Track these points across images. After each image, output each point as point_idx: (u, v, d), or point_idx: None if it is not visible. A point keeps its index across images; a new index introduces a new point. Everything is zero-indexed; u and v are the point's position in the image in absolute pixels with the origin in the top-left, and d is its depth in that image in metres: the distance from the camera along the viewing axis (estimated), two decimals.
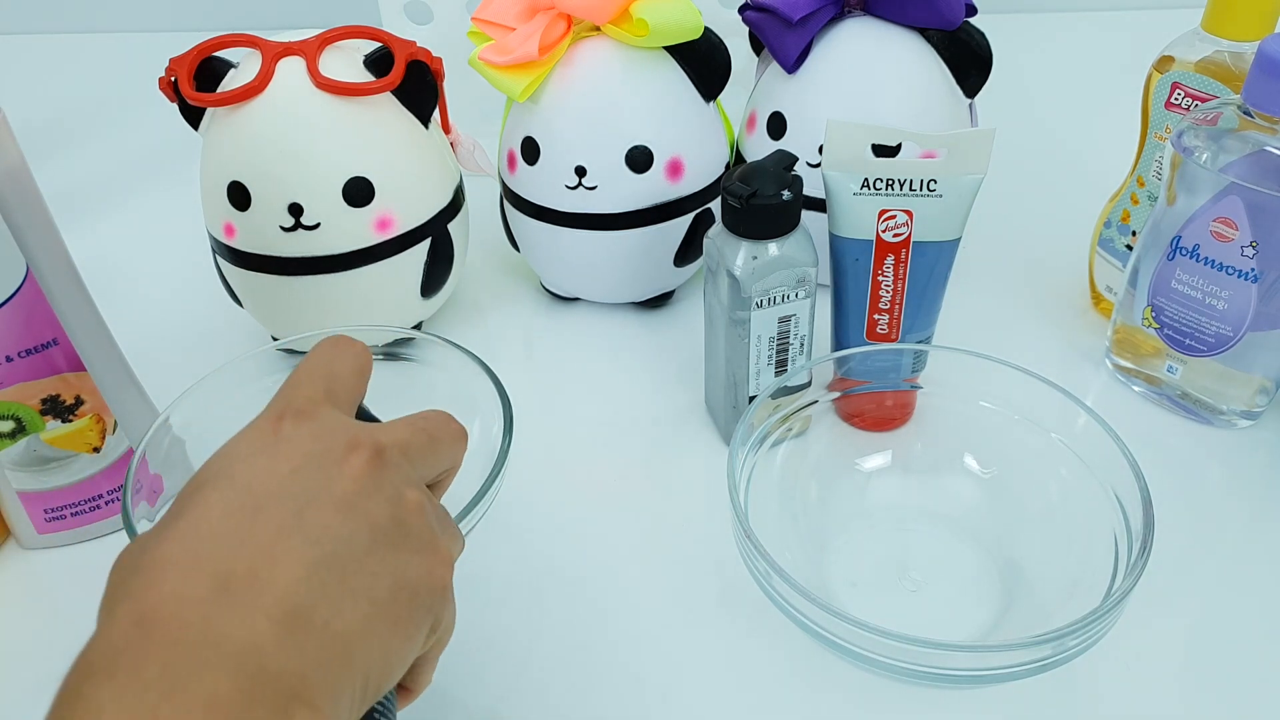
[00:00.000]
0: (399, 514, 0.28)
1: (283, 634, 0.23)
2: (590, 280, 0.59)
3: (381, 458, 0.28)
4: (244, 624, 0.23)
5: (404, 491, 0.28)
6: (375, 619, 0.26)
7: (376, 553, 0.27)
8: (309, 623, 0.24)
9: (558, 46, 0.52)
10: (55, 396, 0.44)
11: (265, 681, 0.23)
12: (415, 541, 0.28)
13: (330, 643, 0.24)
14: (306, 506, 0.26)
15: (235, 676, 0.22)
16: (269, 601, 0.24)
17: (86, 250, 0.50)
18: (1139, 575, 0.36)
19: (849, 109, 0.54)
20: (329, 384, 0.31)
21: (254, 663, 0.23)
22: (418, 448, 0.31)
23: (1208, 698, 0.40)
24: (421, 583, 0.28)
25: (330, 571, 0.25)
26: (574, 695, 0.41)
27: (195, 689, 0.22)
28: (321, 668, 0.24)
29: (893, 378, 0.48)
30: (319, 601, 0.25)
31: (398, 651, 0.27)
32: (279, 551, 0.25)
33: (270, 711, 0.22)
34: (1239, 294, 0.47)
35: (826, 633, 0.36)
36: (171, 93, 0.51)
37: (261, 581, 0.24)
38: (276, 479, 0.27)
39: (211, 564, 0.24)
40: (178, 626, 0.23)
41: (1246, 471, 0.49)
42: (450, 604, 0.30)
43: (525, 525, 0.48)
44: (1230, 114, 0.46)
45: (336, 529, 0.26)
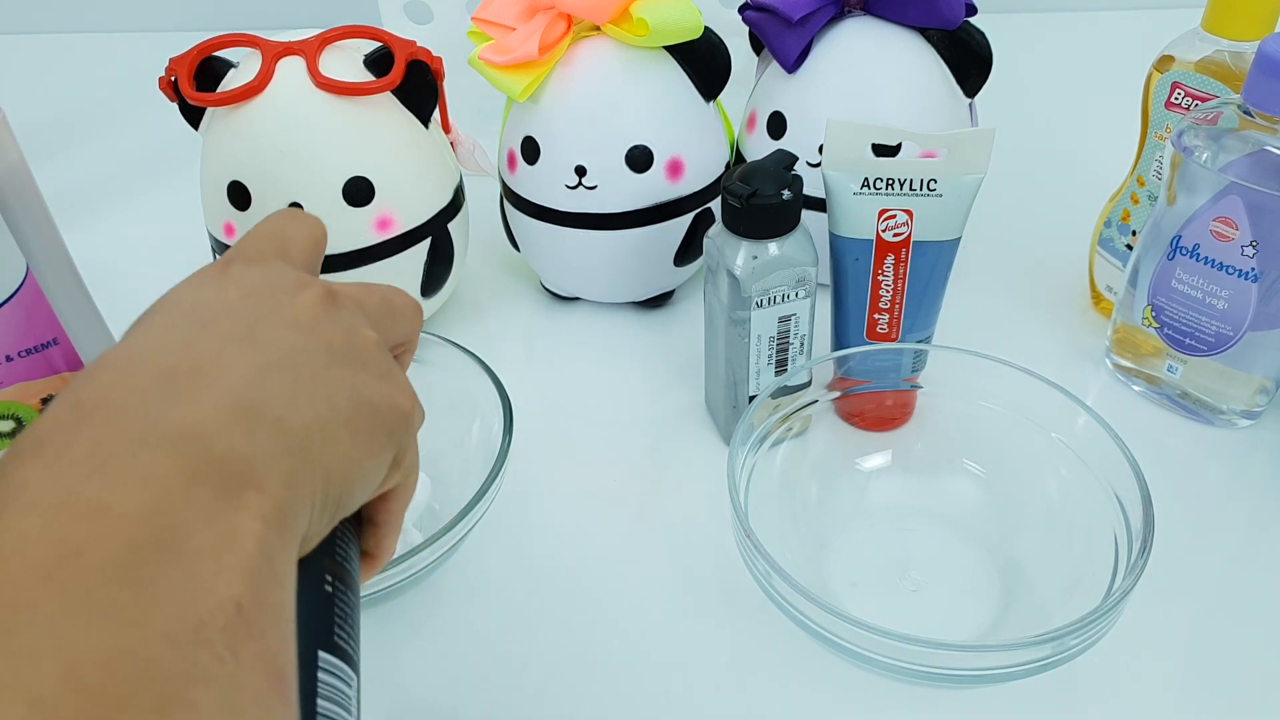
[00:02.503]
0: (355, 342, 0.26)
1: (231, 421, 0.21)
2: (590, 280, 0.59)
3: (334, 298, 0.27)
4: (187, 410, 0.21)
5: (359, 329, 0.27)
6: (333, 423, 0.24)
7: (334, 368, 0.25)
8: (259, 414, 0.22)
9: (558, 46, 0.52)
10: (55, 396, 0.44)
11: (209, 462, 0.21)
12: (374, 368, 0.26)
13: (284, 435, 0.22)
14: (257, 323, 0.24)
15: (175, 455, 0.20)
16: (215, 392, 0.22)
17: (86, 250, 0.50)
18: (1139, 575, 0.36)
19: (849, 109, 0.54)
20: (281, 244, 0.29)
21: (197, 445, 0.21)
22: (372, 305, 0.29)
23: (1208, 697, 0.40)
24: (383, 402, 0.26)
25: (283, 374, 0.23)
26: (574, 695, 0.41)
27: (129, 465, 0.20)
28: (274, 457, 0.22)
29: (893, 377, 0.48)
30: (271, 398, 0.23)
31: (359, 463, 0.24)
32: (227, 354, 0.23)
33: (215, 492, 0.20)
34: (1239, 293, 0.47)
35: (826, 632, 0.36)
36: (171, 93, 0.51)
37: (207, 377, 0.22)
38: (224, 302, 0.25)
39: (154, 361, 0.23)
40: (113, 411, 0.21)
41: (1246, 471, 0.49)
42: (414, 445, 0.28)
43: (525, 525, 0.48)
44: (1230, 114, 0.46)
45: (290, 341, 0.24)
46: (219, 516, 0.20)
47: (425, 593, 0.45)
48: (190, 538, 0.19)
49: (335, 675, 0.23)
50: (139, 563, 0.19)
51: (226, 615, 0.19)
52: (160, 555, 0.19)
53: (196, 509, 0.20)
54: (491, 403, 0.45)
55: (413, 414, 0.27)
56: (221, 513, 0.20)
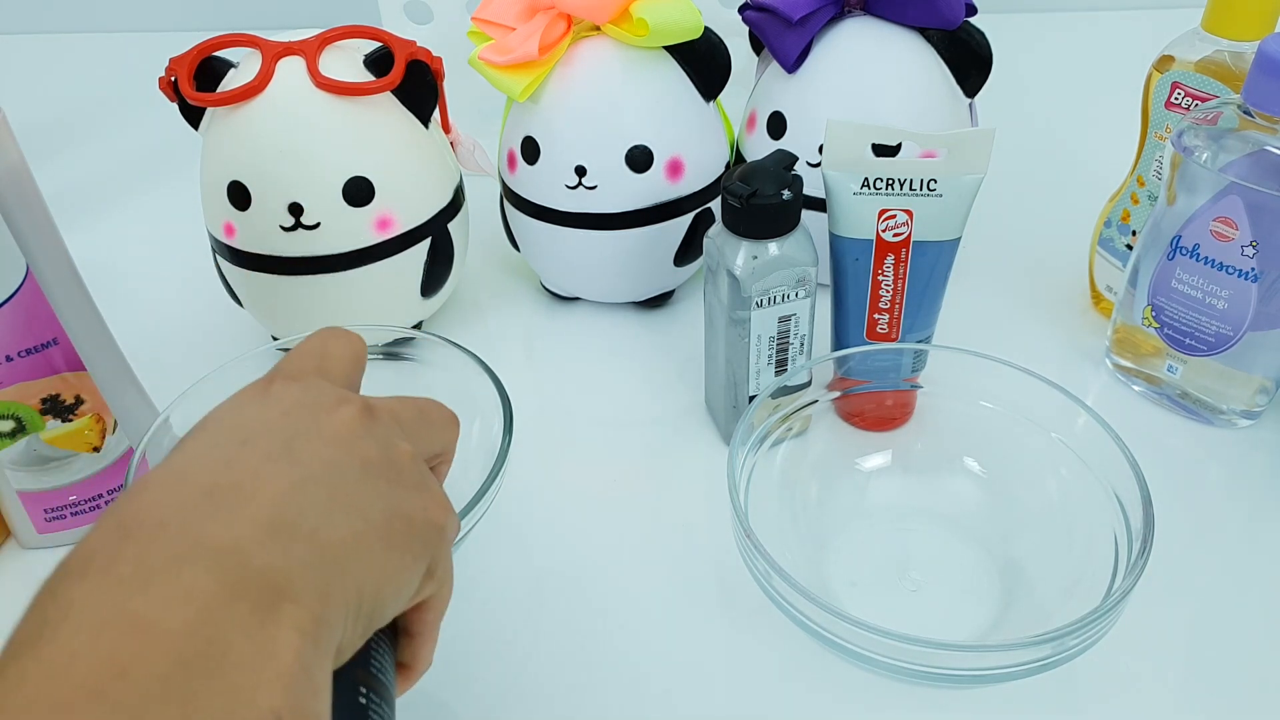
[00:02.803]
0: (391, 456, 0.27)
1: (267, 537, 0.22)
2: (590, 280, 0.59)
3: (372, 414, 0.28)
4: (227, 526, 0.22)
5: (396, 442, 0.28)
6: (367, 535, 0.25)
7: (369, 481, 0.26)
8: (295, 529, 0.23)
9: (558, 46, 0.52)
10: (55, 396, 0.44)
11: (249, 578, 0.21)
12: (410, 481, 0.27)
13: (319, 549, 0.23)
14: (295, 439, 0.25)
15: (215, 572, 0.21)
16: (254, 509, 0.23)
17: (86, 250, 0.50)
18: (1139, 575, 0.36)
19: (849, 109, 0.54)
20: (321, 361, 0.30)
21: (236, 560, 0.22)
22: (408, 418, 0.30)
23: (1208, 697, 0.40)
24: (418, 515, 0.26)
25: (319, 489, 0.24)
26: (574, 695, 0.41)
27: (172, 581, 0.21)
28: (310, 570, 0.23)
29: (893, 377, 0.48)
30: (307, 512, 0.24)
31: (392, 576, 0.25)
32: (265, 471, 0.24)
33: (253, 606, 0.21)
34: (1239, 293, 0.47)
35: (826, 632, 0.36)
36: (171, 93, 0.51)
37: (246, 493, 0.23)
38: (265, 420, 0.26)
39: (196, 478, 0.24)
40: (156, 527, 0.22)
41: (1246, 471, 0.49)
42: (448, 555, 0.29)
43: (525, 525, 0.48)
44: (1230, 113, 0.46)
45: (326, 457, 0.25)
46: (258, 630, 0.21)
47: None
48: (230, 652, 0.20)
49: None
50: (184, 678, 0.19)
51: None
52: (204, 670, 0.20)
53: (237, 624, 0.21)
54: (491, 403, 0.45)
55: (446, 526, 0.28)
56: (260, 626, 0.21)
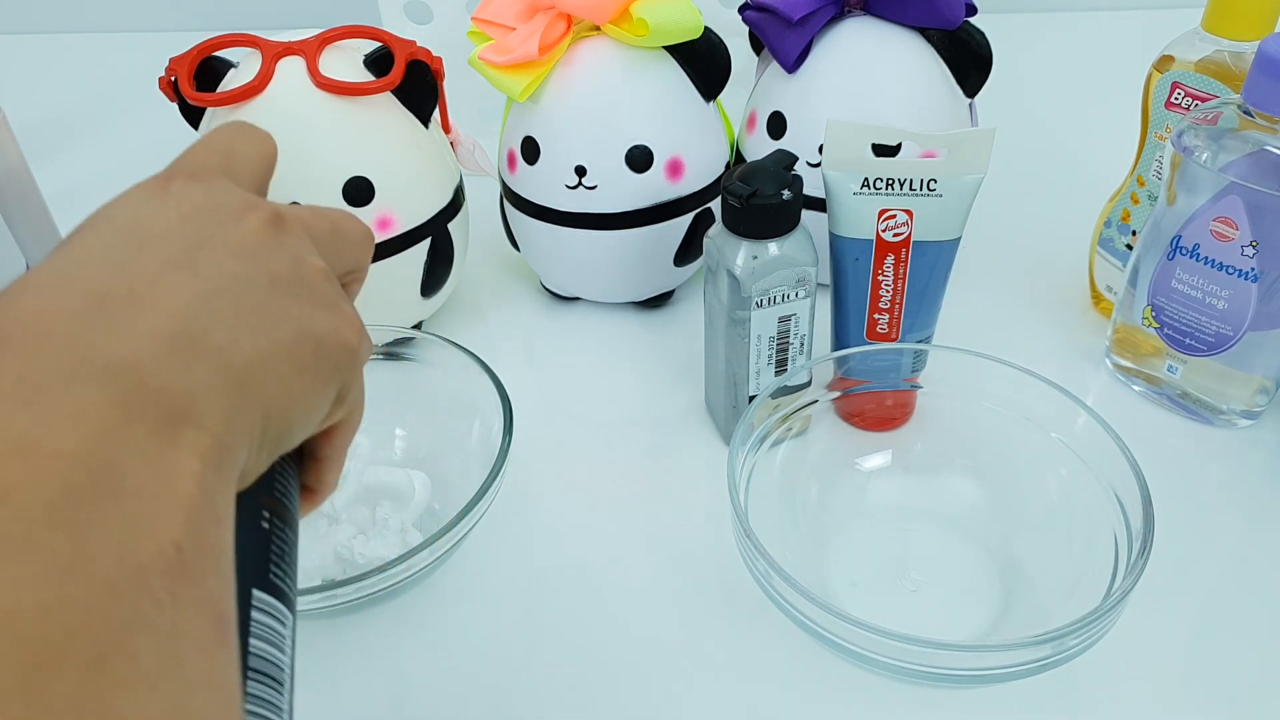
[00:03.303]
0: (301, 272, 0.25)
1: (168, 353, 0.20)
2: (590, 280, 0.59)
3: (281, 223, 0.25)
4: (121, 339, 0.20)
5: (306, 257, 0.26)
6: (275, 356, 0.23)
7: (277, 298, 0.23)
8: (199, 346, 0.21)
9: (558, 46, 0.52)
10: None
11: (147, 397, 0.19)
12: (321, 299, 0.25)
13: (223, 369, 0.21)
14: (198, 248, 0.23)
15: (109, 389, 0.19)
16: (151, 321, 0.21)
17: None
18: (1139, 575, 0.36)
19: (849, 109, 0.54)
20: (228, 159, 0.27)
21: (132, 378, 0.20)
22: (321, 231, 0.27)
23: (1208, 697, 0.40)
24: (329, 337, 0.25)
25: (224, 302, 0.22)
26: (574, 695, 0.41)
27: (61, 398, 0.19)
28: (213, 392, 0.21)
29: (893, 377, 0.48)
30: (210, 328, 0.21)
31: (300, 399, 0.24)
32: (165, 280, 0.22)
33: (152, 428, 0.19)
34: (1239, 293, 0.47)
35: (826, 632, 0.36)
36: (171, 93, 0.51)
37: (143, 303, 0.21)
38: (164, 222, 0.23)
39: (84, 283, 0.21)
40: (41, 337, 0.20)
41: (1246, 471, 0.49)
42: (360, 380, 0.27)
43: (525, 525, 0.48)
44: (1230, 113, 0.46)
45: (232, 269, 0.23)
46: (157, 455, 0.19)
47: (425, 593, 0.44)
48: (127, 478, 0.18)
49: (270, 614, 0.23)
50: (74, 504, 0.18)
51: (167, 559, 0.18)
52: (97, 497, 0.18)
53: (133, 447, 0.19)
54: (491, 403, 0.45)
55: (359, 348, 0.26)
56: (159, 451, 0.19)
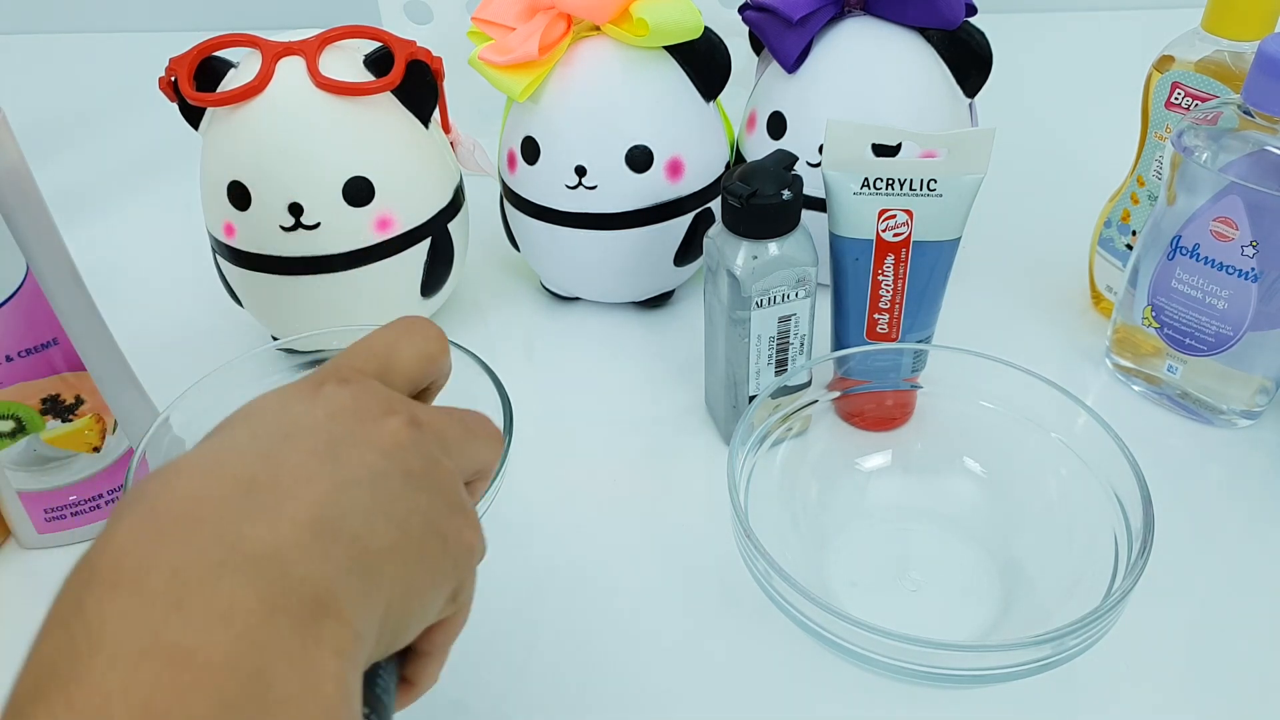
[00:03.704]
0: (434, 471, 0.26)
1: (310, 540, 0.21)
2: (590, 280, 0.59)
3: (419, 427, 0.26)
4: (267, 527, 0.21)
5: (439, 458, 0.27)
6: (405, 547, 0.23)
7: (410, 493, 0.25)
8: (338, 532, 0.22)
9: (558, 46, 0.52)
10: (55, 396, 0.44)
11: (289, 588, 0.20)
12: (449, 499, 0.26)
13: (358, 555, 0.22)
14: (340, 443, 0.24)
15: (255, 582, 0.20)
16: (295, 507, 0.22)
17: (86, 250, 0.50)
18: (1139, 575, 0.36)
19: (849, 109, 0.54)
20: (383, 363, 0.29)
21: (276, 568, 0.20)
22: (453, 436, 0.29)
23: (1208, 698, 0.40)
24: (452, 534, 0.26)
25: (363, 493, 0.23)
26: (574, 695, 0.41)
27: (210, 597, 0.19)
28: (349, 578, 0.21)
29: (893, 377, 0.48)
30: (349, 515, 0.22)
31: (421, 593, 0.24)
32: (308, 469, 0.23)
33: (296, 624, 0.20)
34: (1239, 293, 0.47)
35: (827, 633, 0.36)
36: (171, 92, 0.51)
37: (286, 490, 0.22)
38: (310, 418, 0.25)
39: (234, 470, 0.22)
40: (192, 525, 0.20)
41: (1246, 471, 0.49)
42: (472, 579, 0.28)
43: (525, 525, 0.48)
44: (1230, 113, 0.46)
45: (370, 462, 0.24)
46: (301, 656, 0.20)
47: None
48: (274, 686, 0.19)
49: None
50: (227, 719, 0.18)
51: None
52: (248, 711, 0.19)
53: (279, 649, 0.19)
54: (491, 403, 0.45)
55: (477, 549, 0.27)
56: (303, 650, 0.20)
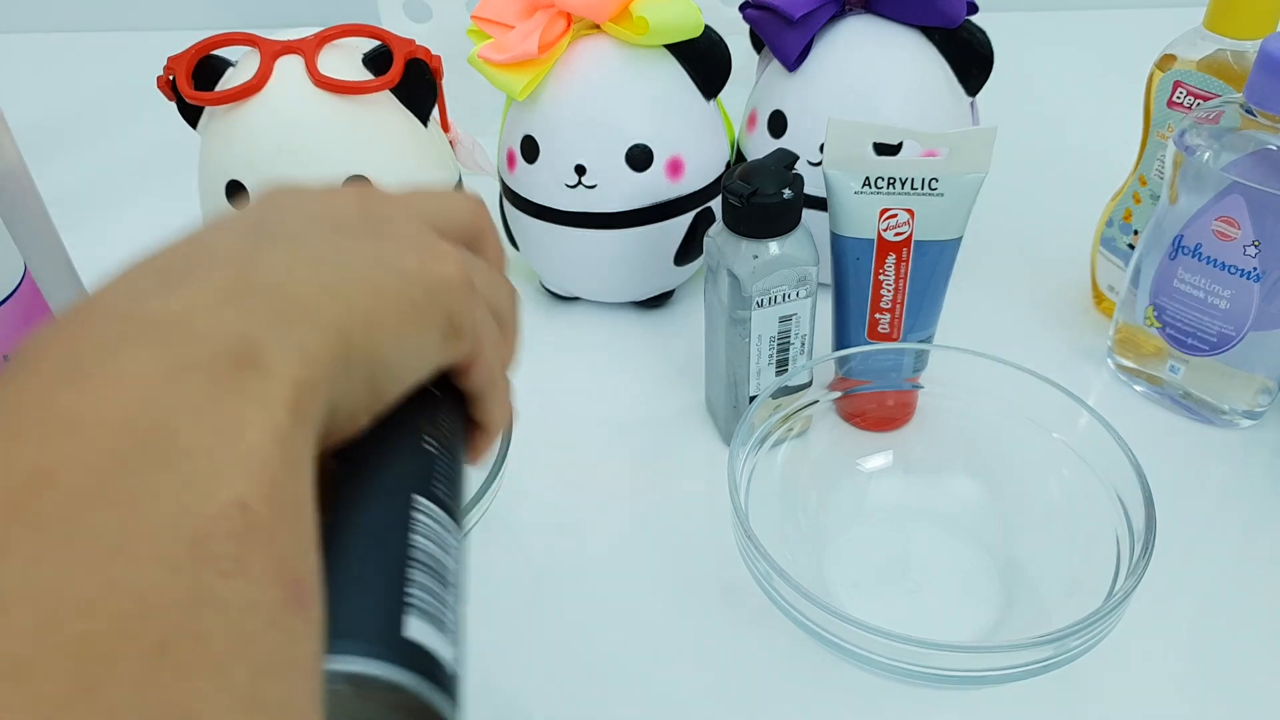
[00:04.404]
0: (380, 224, 0.24)
1: (219, 299, 0.19)
2: (590, 280, 0.59)
3: (372, 195, 0.24)
4: (170, 295, 0.19)
5: (397, 218, 0.24)
6: (346, 283, 0.21)
7: (346, 240, 0.22)
8: (252, 287, 0.20)
9: (557, 45, 0.52)
10: None
11: (196, 346, 0.18)
12: (407, 241, 0.24)
13: (284, 302, 0.20)
14: (270, 220, 0.23)
15: (158, 345, 0.18)
16: (202, 275, 0.20)
17: (86, 250, 0.50)
18: (1141, 575, 0.36)
19: (850, 107, 0.53)
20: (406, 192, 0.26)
21: (181, 329, 0.18)
22: (429, 206, 0.26)
23: (1210, 698, 0.40)
24: (414, 267, 0.23)
25: (281, 247, 0.21)
26: (574, 695, 0.41)
27: (105, 366, 0.17)
28: (275, 328, 0.19)
29: (894, 377, 0.48)
30: (264, 268, 0.20)
31: (387, 326, 0.22)
32: (225, 245, 0.21)
33: (207, 379, 0.18)
34: (1241, 293, 0.47)
35: (827, 633, 0.36)
36: (170, 92, 0.51)
37: (197, 264, 0.20)
38: (258, 207, 0.23)
39: (152, 263, 0.21)
40: (93, 312, 0.19)
41: (1248, 471, 0.49)
42: (478, 310, 0.25)
43: (525, 525, 0.48)
44: (1232, 112, 0.46)
45: (295, 225, 0.22)
46: (214, 409, 0.17)
47: None
48: (179, 437, 0.17)
49: (434, 520, 0.21)
50: (120, 476, 0.16)
51: (230, 522, 0.16)
52: (146, 464, 0.16)
53: (187, 405, 0.17)
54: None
55: (456, 277, 0.24)
56: (216, 404, 0.17)
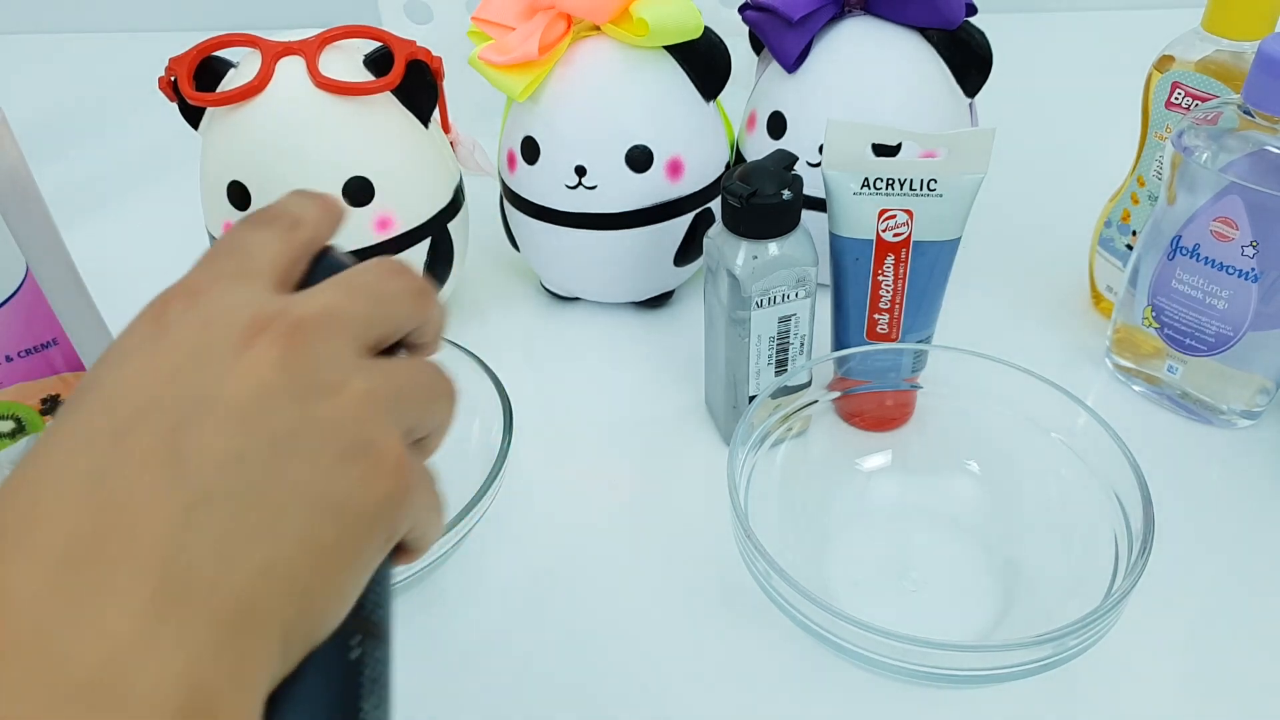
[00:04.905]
0: (311, 414, 0.21)
1: (151, 626, 0.17)
2: (590, 280, 0.59)
3: (297, 337, 0.21)
4: (92, 632, 0.17)
5: (327, 377, 0.21)
6: (283, 558, 0.19)
7: (281, 468, 0.20)
8: (187, 593, 0.18)
9: (557, 46, 0.52)
10: (55, 396, 0.44)
11: (139, 711, 0.17)
12: (338, 443, 0.21)
13: (224, 614, 0.18)
14: (184, 426, 0.20)
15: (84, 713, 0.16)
16: (126, 582, 0.18)
17: (86, 250, 0.50)
18: (1139, 575, 0.36)
19: (849, 108, 0.54)
20: (241, 260, 0.23)
21: (110, 698, 0.16)
22: (355, 315, 0.23)
23: (1208, 698, 0.40)
24: (349, 496, 0.21)
25: (214, 512, 0.19)
26: (574, 695, 0.41)
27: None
28: (220, 654, 0.18)
29: (893, 377, 0.48)
30: (199, 560, 0.18)
31: (328, 582, 0.20)
32: (141, 496, 0.19)
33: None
34: (1239, 294, 0.47)
35: (827, 633, 0.36)
36: (171, 92, 0.51)
37: (115, 551, 0.18)
38: (150, 387, 0.20)
39: (55, 528, 0.18)
40: (8, 651, 0.17)
41: (1247, 471, 0.49)
42: (416, 507, 0.23)
43: (525, 525, 0.48)
44: (1230, 113, 0.46)
45: (221, 452, 0.19)
46: None
47: (425, 593, 0.44)
48: None
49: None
50: None
51: None
52: None
53: None
54: (491, 403, 0.45)
55: (394, 491, 0.22)
56: None
